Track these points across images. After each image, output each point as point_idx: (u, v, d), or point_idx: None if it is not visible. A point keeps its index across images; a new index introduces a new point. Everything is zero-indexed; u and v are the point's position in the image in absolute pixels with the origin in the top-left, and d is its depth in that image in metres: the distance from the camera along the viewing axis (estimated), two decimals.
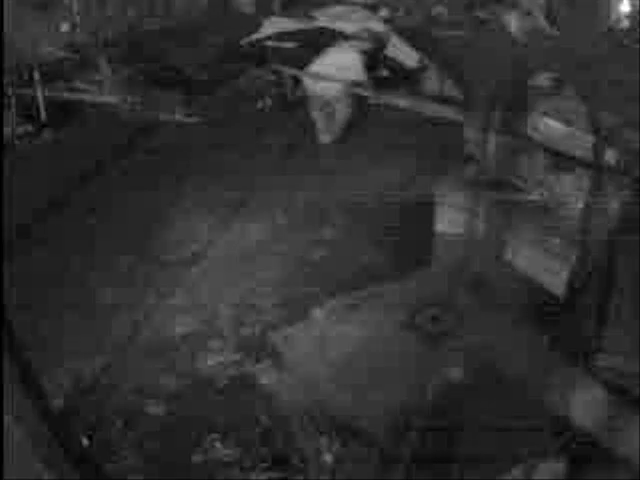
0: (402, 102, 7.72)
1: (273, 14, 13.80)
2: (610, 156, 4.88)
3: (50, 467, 1.67)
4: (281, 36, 9.67)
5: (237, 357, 4.48)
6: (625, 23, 11.18)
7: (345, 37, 8.61)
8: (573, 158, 5.04)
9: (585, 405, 3.77)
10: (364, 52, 8.13)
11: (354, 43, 8.33)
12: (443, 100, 7.64)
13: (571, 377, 3.98)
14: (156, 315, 4.89)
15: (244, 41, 10.03)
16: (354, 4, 10.57)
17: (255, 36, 10.03)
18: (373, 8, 13.65)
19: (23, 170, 6.95)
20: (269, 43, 9.71)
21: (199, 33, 11.49)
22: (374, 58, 8.26)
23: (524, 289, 4.76)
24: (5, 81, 7.93)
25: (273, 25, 10.14)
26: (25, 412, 1.63)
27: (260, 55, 9.70)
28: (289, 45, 9.33)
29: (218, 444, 3.83)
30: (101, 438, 3.85)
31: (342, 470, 3.59)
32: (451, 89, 7.93)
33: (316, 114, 7.86)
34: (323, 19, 9.67)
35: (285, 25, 10.01)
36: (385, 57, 8.49)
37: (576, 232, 4.87)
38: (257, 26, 10.27)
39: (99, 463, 3.50)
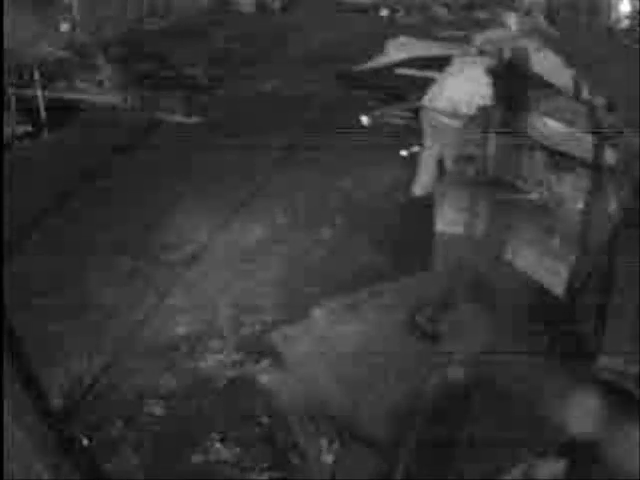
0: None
1: (273, 14, 13.83)
2: (610, 156, 4.88)
3: (50, 467, 1.67)
4: (422, 63, 7.49)
5: (237, 357, 4.48)
6: (625, 23, 11.19)
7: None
8: (573, 158, 5.04)
9: (581, 413, 3.76)
10: (490, 70, 6.61)
11: (477, 60, 6.86)
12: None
13: (568, 384, 3.97)
14: (156, 315, 4.89)
15: (366, 66, 7.97)
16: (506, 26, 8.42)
17: (380, 61, 7.99)
18: (374, 8, 13.70)
19: (23, 170, 6.95)
20: (404, 71, 7.57)
21: (199, 33, 11.52)
22: (498, 75, 6.74)
23: (524, 289, 4.76)
24: (5, 81, 7.94)
25: (404, 48, 7.90)
26: (25, 412, 1.63)
27: (391, 86, 7.74)
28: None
29: (218, 444, 3.83)
30: (101, 438, 3.85)
31: (342, 470, 3.59)
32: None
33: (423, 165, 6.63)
34: (481, 44, 7.55)
35: (422, 49, 7.81)
36: (529, 73, 6.71)
37: (576, 232, 4.87)
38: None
39: (99, 463, 3.50)
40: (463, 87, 6.51)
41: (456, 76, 6.68)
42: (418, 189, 6.59)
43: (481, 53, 6.97)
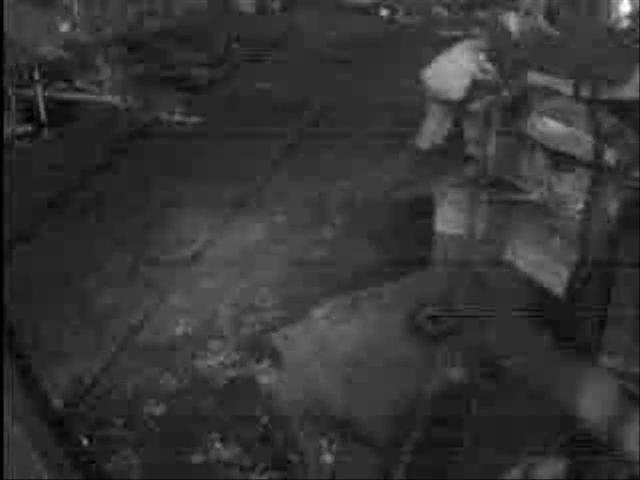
0: None
1: (273, 14, 13.82)
2: (610, 156, 4.88)
3: (50, 467, 1.67)
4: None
5: (237, 357, 4.48)
6: (625, 23, 11.18)
7: None
8: (573, 158, 5.04)
9: (596, 397, 3.77)
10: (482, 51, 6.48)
11: (471, 44, 6.66)
12: None
13: (581, 369, 3.98)
14: (156, 315, 4.89)
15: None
16: None
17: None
18: (374, 8, 13.68)
19: (23, 170, 6.95)
20: None
21: (199, 33, 11.51)
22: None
23: (524, 289, 4.76)
24: (5, 81, 7.93)
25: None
26: (25, 412, 1.63)
27: None
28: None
29: (218, 444, 3.83)
30: (101, 438, 3.85)
31: (342, 470, 3.59)
32: None
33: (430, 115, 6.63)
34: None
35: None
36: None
37: (576, 232, 4.86)
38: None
39: (99, 463, 3.50)
40: (449, 69, 6.39)
41: (446, 57, 6.54)
42: (422, 143, 6.59)
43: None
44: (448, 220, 5.33)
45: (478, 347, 4.22)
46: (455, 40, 7.12)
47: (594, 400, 3.79)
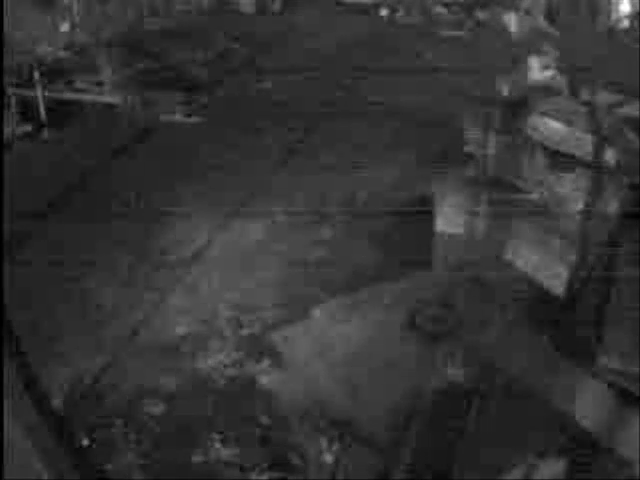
0: None
1: (273, 14, 13.82)
2: (610, 156, 4.88)
3: (50, 467, 1.67)
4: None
5: (237, 357, 4.48)
6: (625, 23, 11.17)
7: None
8: (573, 158, 5.03)
9: (589, 403, 3.77)
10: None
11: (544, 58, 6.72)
12: None
13: (576, 376, 3.98)
14: (156, 315, 4.89)
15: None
16: None
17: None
18: (374, 8, 13.69)
19: (23, 170, 6.95)
20: None
21: (199, 33, 11.51)
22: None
23: (524, 289, 4.76)
24: (5, 81, 7.94)
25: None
26: (25, 412, 1.63)
27: None
28: None
29: (218, 444, 3.83)
30: (101, 438, 3.85)
31: (342, 470, 3.59)
32: None
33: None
34: None
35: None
36: None
37: (576, 232, 4.87)
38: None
39: (99, 463, 3.50)
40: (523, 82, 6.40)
41: (519, 71, 6.60)
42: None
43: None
44: (448, 220, 5.33)
45: (478, 347, 4.21)
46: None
47: (592, 401, 3.79)
